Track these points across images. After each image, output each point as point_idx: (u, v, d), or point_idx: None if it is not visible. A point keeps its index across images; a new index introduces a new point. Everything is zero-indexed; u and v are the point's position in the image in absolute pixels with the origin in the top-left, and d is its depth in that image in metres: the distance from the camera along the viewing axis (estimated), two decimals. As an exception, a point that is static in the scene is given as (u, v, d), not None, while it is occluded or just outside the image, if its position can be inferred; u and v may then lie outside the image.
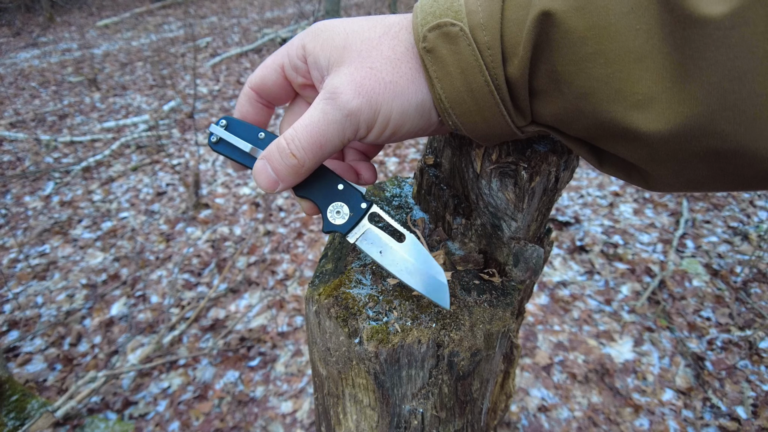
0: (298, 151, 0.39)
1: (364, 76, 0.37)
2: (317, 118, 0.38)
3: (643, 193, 3.38)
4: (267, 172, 0.41)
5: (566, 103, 0.34)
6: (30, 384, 2.12)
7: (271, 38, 7.11)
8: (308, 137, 0.38)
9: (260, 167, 0.41)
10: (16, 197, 3.61)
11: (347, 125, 0.38)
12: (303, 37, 0.41)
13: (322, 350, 0.56)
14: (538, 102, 0.36)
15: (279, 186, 0.42)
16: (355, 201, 0.45)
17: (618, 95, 0.31)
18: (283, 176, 0.41)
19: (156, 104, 5.24)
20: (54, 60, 7.03)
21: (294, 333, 2.35)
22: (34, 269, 2.84)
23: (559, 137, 0.39)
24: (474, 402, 0.58)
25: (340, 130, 0.38)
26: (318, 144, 0.39)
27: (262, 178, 0.41)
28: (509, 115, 0.37)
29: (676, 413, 1.91)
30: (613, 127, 0.33)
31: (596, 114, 0.33)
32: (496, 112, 0.36)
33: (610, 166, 0.38)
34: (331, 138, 0.38)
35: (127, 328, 2.41)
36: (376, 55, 0.37)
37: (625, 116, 0.31)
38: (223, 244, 3.00)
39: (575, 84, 0.32)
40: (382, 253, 0.45)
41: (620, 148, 0.34)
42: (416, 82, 0.37)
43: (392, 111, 0.38)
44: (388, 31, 0.38)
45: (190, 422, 1.96)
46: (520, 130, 0.39)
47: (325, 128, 0.38)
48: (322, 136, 0.38)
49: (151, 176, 3.83)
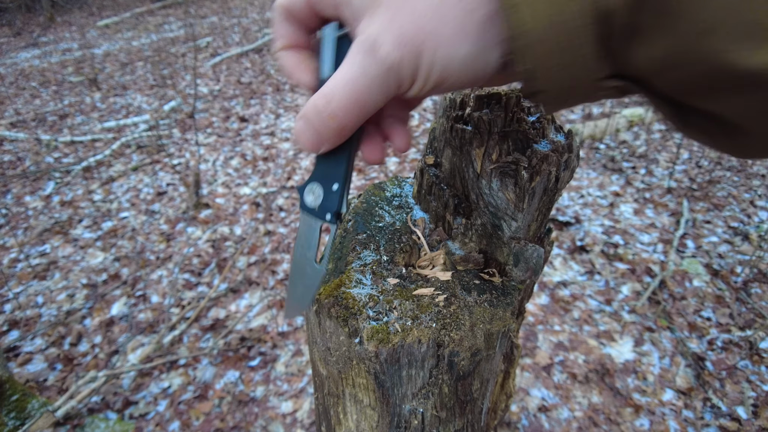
0: (337, 112, 0.36)
1: (404, 22, 0.33)
2: (356, 75, 0.34)
3: (643, 193, 3.38)
4: (309, 133, 0.38)
5: (675, 44, 0.28)
6: (30, 384, 2.12)
7: (271, 38, 7.11)
8: (347, 96, 0.35)
9: (301, 128, 0.39)
10: (17, 197, 3.61)
11: (390, 80, 0.34)
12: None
13: (322, 350, 0.56)
14: (637, 43, 0.29)
15: (323, 147, 0.40)
16: (330, 204, 0.44)
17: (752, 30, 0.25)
18: (326, 137, 0.38)
19: (156, 104, 5.25)
20: (54, 60, 7.04)
21: (294, 333, 2.35)
22: (34, 269, 2.84)
23: (642, 93, 0.33)
24: (474, 402, 0.58)
25: (382, 86, 0.34)
26: (359, 103, 0.35)
27: (305, 138, 0.39)
28: (599, 59, 0.30)
29: (676, 413, 1.91)
30: (731, 72, 0.26)
31: (715, 56, 0.26)
32: (586, 53, 0.30)
33: (696, 127, 0.32)
34: (373, 95, 0.35)
35: (128, 328, 2.41)
36: (418, 5, 0.33)
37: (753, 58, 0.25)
38: (224, 244, 3.00)
39: (696, 17, 0.26)
40: (302, 247, 0.46)
41: (726, 103, 0.29)
42: (465, 28, 0.32)
43: (435, 62, 0.33)
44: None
45: (191, 422, 1.96)
46: (599, 83, 0.32)
47: (366, 86, 0.34)
48: (362, 95, 0.35)
49: (151, 176, 3.83)
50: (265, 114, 4.91)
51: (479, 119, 0.51)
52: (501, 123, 0.51)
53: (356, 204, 0.67)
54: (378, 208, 0.65)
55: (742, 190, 3.40)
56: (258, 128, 4.59)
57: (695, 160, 3.79)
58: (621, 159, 3.84)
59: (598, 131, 4.12)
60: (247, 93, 5.45)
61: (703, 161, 3.78)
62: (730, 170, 3.66)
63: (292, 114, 4.89)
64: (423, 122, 4.58)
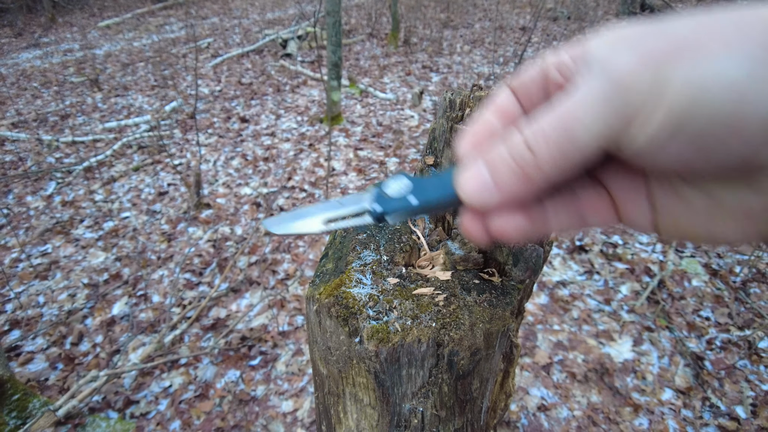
0: (536, 143, 0.26)
1: (655, 39, 0.23)
2: (571, 99, 0.25)
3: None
4: (481, 175, 0.28)
5: None
6: (31, 383, 2.13)
7: (272, 39, 7.12)
8: (555, 123, 0.25)
9: (474, 171, 0.28)
10: (18, 197, 3.62)
11: (615, 104, 0.23)
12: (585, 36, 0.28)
13: (322, 349, 0.56)
14: None
15: (493, 195, 0.28)
16: (392, 206, 0.34)
17: None
18: (504, 180, 0.27)
19: (158, 105, 5.25)
20: (56, 60, 7.04)
21: (295, 332, 2.36)
22: (35, 269, 2.85)
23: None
24: (474, 401, 0.58)
25: (602, 111, 0.24)
26: (568, 132, 0.25)
27: (472, 183, 0.28)
28: None
29: (675, 413, 1.92)
30: None
31: None
32: None
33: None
34: (588, 125, 0.24)
35: (129, 328, 2.42)
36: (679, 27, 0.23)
37: None
38: (225, 244, 3.00)
39: None
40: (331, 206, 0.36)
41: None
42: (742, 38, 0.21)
43: (690, 79, 0.21)
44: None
45: (191, 421, 1.97)
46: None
47: (582, 109, 0.24)
48: (574, 121, 0.24)
49: (152, 176, 3.84)
50: (266, 114, 4.92)
51: (478, 121, 0.52)
52: (500, 124, 0.51)
53: (357, 204, 0.67)
54: (378, 208, 0.66)
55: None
56: (259, 129, 4.60)
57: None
58: (621, 159, 3.84)
59: (598, 131, 4.12)
60: (247, 94, 5.46)
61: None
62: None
63: (293, 114, 4.90)
64: (423, 122, 4.59)
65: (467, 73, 5.95)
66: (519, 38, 7.21)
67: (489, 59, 6.35)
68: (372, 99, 5.24)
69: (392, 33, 7.02)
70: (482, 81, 5.62)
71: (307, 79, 5.88)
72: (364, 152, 4.04)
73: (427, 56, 6.64)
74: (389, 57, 6.64)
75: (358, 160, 3.92)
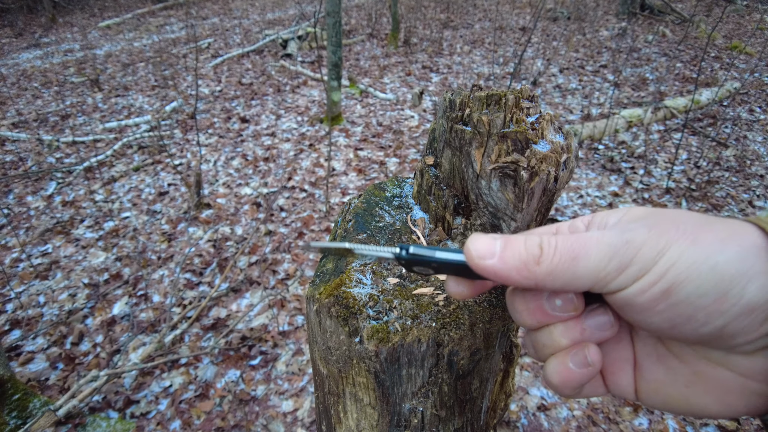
0: (548, 247, 0.30)
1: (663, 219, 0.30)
2: (591, 235, 0.30)
3: (642, 194, 3.38)
4: (492, 240, 0.32)
5: None
6: (32, 383, 2.13)
7: (272, 39, 7.12)
8: (568, 242, 0.30)
9: (490, 238, 0.32)
10: (19, 197, 3.62)
11: (619, 252, 0.29)
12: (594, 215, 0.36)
13: (322, 349, 0.56)
14: None
15: (494, 262, 0.31)
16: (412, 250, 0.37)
17: None
18: (507, 256, 0.31)
19: (158, 105, 5.26)
20: (56, 60, 7.05)
21: (295, 332, 2.36)
22: (36, 269, 2.85)
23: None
24: (474, 401, 0.58)
25: (607, 253, 0.29)
26: (573, 253, 0.30)
27: (482, 244, 0.31)
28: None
29: (676, 413, 1.91)
30: None
31: None
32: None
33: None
34: (593, 256, 0.29)
35: (129, 327, 2.42)
36: (686, 218, 0.30)
37: None
38: (225, 244, 3.01)
39: None
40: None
41: None
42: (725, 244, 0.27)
43: (681, 257, 0.28)
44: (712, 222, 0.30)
45: (192, 421, 1.97)
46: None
47: (592, 243, 0.30)
48: (582, 248, 0.30)
49: (153, 176, 3.84)
50: (266, 115, 4.92)
51: (479, 120, 0.52)
52: (500, 124, 0.51)
53: (356, 204, 0.67)
54: (378, 208, 0.66)
55: (741, 190, 3.40)
56: (259, 129, 4.60)
57: (694, 161, 3.79)
58: (620, 159, 3.84)
59: (597, 132, 4.12)
60: (248, 94, 5.46)
61: (702, 162, 3.78)
62: (729, 171, 3.66)
63: (293, 114, 4.90)
64: (423, 123, 4.59)
65: (467, 73, 5.95)
66: (519, 38, 7.21)
67: (489, 59, 6.35)
68: (372, 99, 5.25)
69: (392, 33, 7.02)
70: (482, 81, 5.62)
71: (308, 79, 5.88)
72: (364, 152, 4.04)
73: (427, 56, 6.64)
74: (389, 57, 6.65)
75: (359, 160, 3.92)
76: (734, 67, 5.88)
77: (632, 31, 7.43)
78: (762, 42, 6.80)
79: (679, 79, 5.55)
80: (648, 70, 5.89)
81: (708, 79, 5.42)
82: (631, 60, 6.21)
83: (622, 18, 8.36)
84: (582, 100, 5.06)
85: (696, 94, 4.52)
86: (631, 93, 5.23)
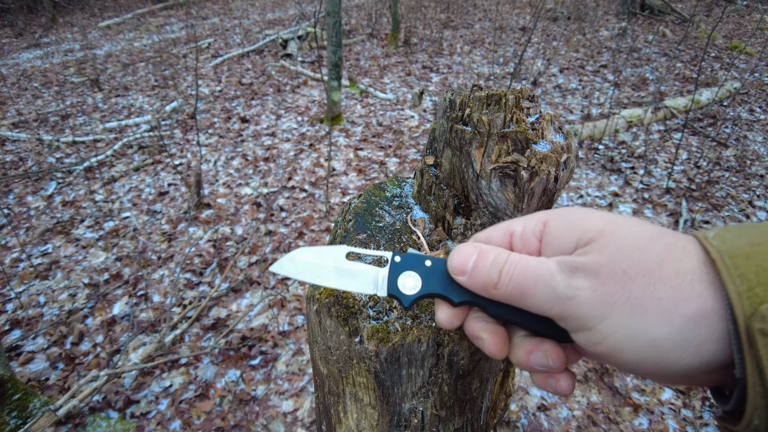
0: (504, 277, 0.35)
1: (612, 275, 0.31)
2: (542, 273, 0.34)
3: (642, 194, 3.38)
4: (467, 258, 0.38)
5: None
6: (32, 383, 2.13)
7: (272, 39, 7.12)
8: (522, 275, 0.34)
9: (468, 250, 0.38)
10: (19, 197, 3.62)
11: (563, 303, 0.32)
12: (547, 214, 0.38)
13: (322, 349, 0.56)
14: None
15: (464, 277, 0.38)
16: (400, 294, 0.42)
17: None
18: (475, 277, 0.37)
19: (158, 105, 5.26)
20: (56, 60, 7.05)
21: (295, 332, 2.36)
22: (36, 269, 2.85)
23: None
24: (474, 401, 0.58)
25: (551, 299, 0.33)
26: (522, 290, 0.34)
27: (460, 258, 0.38)
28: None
29: (675, 412, 1.92)
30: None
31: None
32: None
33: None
34: (537, 298, 0.34)
35: (129, 327, 2.42)
36: (638, 257, 0.31)
37: None
38: (225, 244, 3.01)
39: None
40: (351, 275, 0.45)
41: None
42: (670, 313, 0.29)
43: (620, 326, 0.30)
44: (661, 236, 0.32)
45: (192, 421, 1.97)
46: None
47: (541, 284, 0.33)
48: (532, 286, 0.34)
49: (153, 176, 3.84)
50: (266, 115, 4.92)
51: (479, 120, 0.52)
52: (500, 124, 0.51)
53: (357, 204, 0.67)
54: (378, 208, 0.66)
55: (741, 190, 3.40)
56: (259, 129, 4.60)
57: (694, 161, 3.79)
58: (620, 159, 3.84)
59: (597, 132, 4.12)
60: (248, 94, 5.46)
61: (702, 162, 3.78)
62: (729, 171, 3.66)
63: (293, 114, 4.90)
64: (423, 123, 4.59)
65: (467, 73, 5.95)
66: (519, 38, 7.21)
67: (489, 59, 6.35)
68: (372, 99, 5.25)
69: (392, 33, 7.02)
70: (482, 81, 5.62)
71: (308, 79, 5.89)
72: (364, 152, 4.05)
73: (427, 56, 6.64)
74: (389, 57, 6.65)
75: (359, 160, 3.92)
76: (734, 67, 5.88)
77: (632, 31, 7.43)
78: (762, 42, 6.80)
79: (679, 79, 5.55)
80: (648, 70, 5.89)
81: (708, 79, 5.42)
82: (631, 60, 6.21)
83: (622, 18, 8.36)
84: (582, 100, 5.07)
85: (696, 94, 4.52)
86: (631, 93, 5.23)
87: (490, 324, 0.39)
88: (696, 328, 0.28)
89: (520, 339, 0.39)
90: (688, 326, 0.29)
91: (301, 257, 0.44)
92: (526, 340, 0.38)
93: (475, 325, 0.40)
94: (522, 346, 0.38)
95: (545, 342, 0.37)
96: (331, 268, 0.44)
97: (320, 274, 0.43)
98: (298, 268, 0.44)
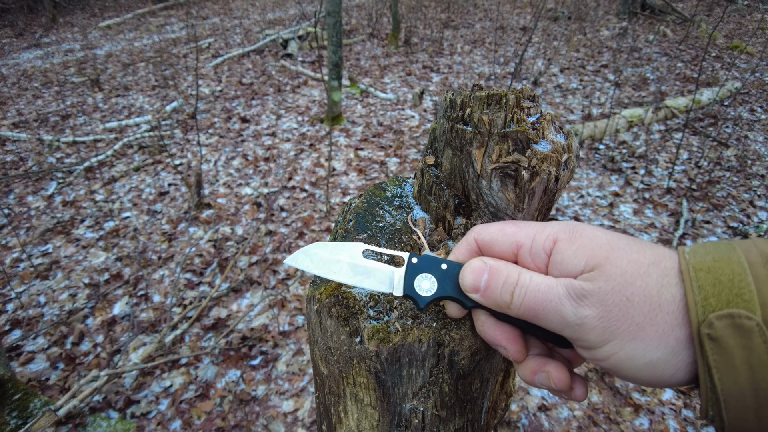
0: (516, 300, 0.38)
1: (617, 302, 0.34)
2: (552, 299, 0.37)
3: (643, 194, 3.37)
4: (479, 276, 0.40)
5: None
6: (32, 383, 2.13)
7: (272, 39, 7.12)
8: (533, 299, 0.37)
9: (479, 268, 0.40)
10: (19, 197, 3.62)
11: (572, 327, 0.36)
12: (558, 232, 0.39)
13: (323, 349, 0.56)
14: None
15: (477, 295, 0.40)
16: (416, 294, 0.43)
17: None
18: (488, 296, 0.39)
19: (158, 105, 5.26)
20: (57, 60, 7.05)
21: (295, 332, 2.36)
22: (36, 269, 2.85)
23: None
24: (474, 401, 0.58)
25: (561, 323, 0.36)
26: (534, 312, 0.37)
27: (472, 276, 0.40)
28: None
29: (676, 413, 1.91)
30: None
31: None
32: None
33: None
34: (549, 321, 0.37)
35: (130, 327, 2.42)
36: (639, 284, 0.34)
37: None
38: (225, 244, 3.01)
39: None
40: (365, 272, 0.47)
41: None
42: (665, 339, 0.33)
43: (622, 350, 0.34)
44: (659, 261, 0.35)
45: (192, 421, 1.97)
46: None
47: (551, 309, 0.36)
48: (542, 311, 0.37)
49: (153, 176, 3.84)
50: (267, 115, 4.92)
51: (479, 120, 0.52)
52: (501, 123, 0.51)
53: (357, 204, 0.67)
54: (379, 208, 0.66)
55: (742, 190, 3.40)
56: (259, 129, 4.60)
57: (695, 161, 3.78)
58: (620, 159, 3.84)
59: (597, 132, 4.12)
60: (248, 94, 5.46)
61: (703, 161, 3.78)
62: (730, 171, 3.66)
63: (293, 114, 4.90)
64: (423, 123, 4.59)
65: (468, 73, 5.95)
66: (519, 38, 7.21)
67: (489, 59, 6.35)
68: (372, 99, 5.25)
69: (393, 33, 7.02)
70: (483, 81, 5.62)
71: (308, 79, 5.89)
72: (364, 152, 4.04)
73: (427, 56, 6.64)
74: (390, 57, 6.65)
75: (359, 160, 3.92)
76: (735, 67, 5.88)
77: (633, 31, 7.42)
78: (763, 42, 6.80)
79: (679, 78, 5.55)
80: (649, 69, 5.88)
81: (709, 78, 5.42)
82: (631, 60, 6.20)
83: (622, 18, 8.36)
84: (583, 99, 5.06)
85: (697, 93, 4.52)
86: (632, 93, 5.22)
87: (507, 331, 0.42)
88: (687, 349, 0.33)
89: (527, 357, 0.42)
90: (680, 348, 0.33)
91: (316, 252, 0.45)
92: (531, 360, 0.42)
93: (495, 333, 0.42)
94: (527, 366, 0.42)
95: (549, 363, 0.41)
96: (346, 264, 0.45)
97: (336, 270, 0.44)
98: (313, 262, 0.45)
